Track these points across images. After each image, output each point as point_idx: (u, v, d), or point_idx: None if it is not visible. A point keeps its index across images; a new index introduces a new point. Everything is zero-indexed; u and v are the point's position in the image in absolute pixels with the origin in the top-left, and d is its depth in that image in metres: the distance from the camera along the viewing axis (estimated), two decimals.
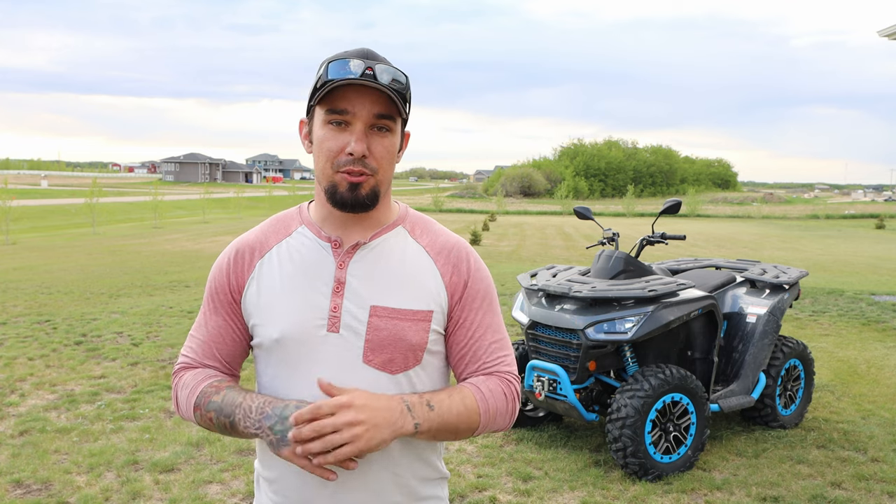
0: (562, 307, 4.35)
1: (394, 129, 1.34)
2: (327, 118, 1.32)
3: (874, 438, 4.81)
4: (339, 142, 1.31)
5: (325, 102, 1.31)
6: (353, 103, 1.30)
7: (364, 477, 1.35)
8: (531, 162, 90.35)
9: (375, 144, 1.32)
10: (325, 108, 1.32)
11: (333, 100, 1.30)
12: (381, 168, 1.34)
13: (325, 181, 1.34)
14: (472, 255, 1.45)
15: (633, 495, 3.91)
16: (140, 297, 10.09)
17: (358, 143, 1.30)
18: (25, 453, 4.33)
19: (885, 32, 13.01)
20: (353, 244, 1.38)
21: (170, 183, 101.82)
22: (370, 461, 1.34)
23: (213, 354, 1.44)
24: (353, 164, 1.31)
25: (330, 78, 1.29)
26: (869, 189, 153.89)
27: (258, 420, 1.29)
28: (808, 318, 9.13)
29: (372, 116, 1.31)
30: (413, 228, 1.45)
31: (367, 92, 1.30)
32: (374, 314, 1.35)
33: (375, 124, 1.32)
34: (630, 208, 45.09)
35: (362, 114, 1.30)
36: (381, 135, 1.33)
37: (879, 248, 21.22)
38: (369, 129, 1.32)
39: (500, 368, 1.43)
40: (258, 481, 1.46)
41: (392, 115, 1.32)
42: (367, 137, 1.31)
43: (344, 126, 1.31)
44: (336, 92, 1.30)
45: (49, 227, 25.16)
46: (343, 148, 1.31)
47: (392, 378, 1.35)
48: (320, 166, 1.35)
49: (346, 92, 1.30)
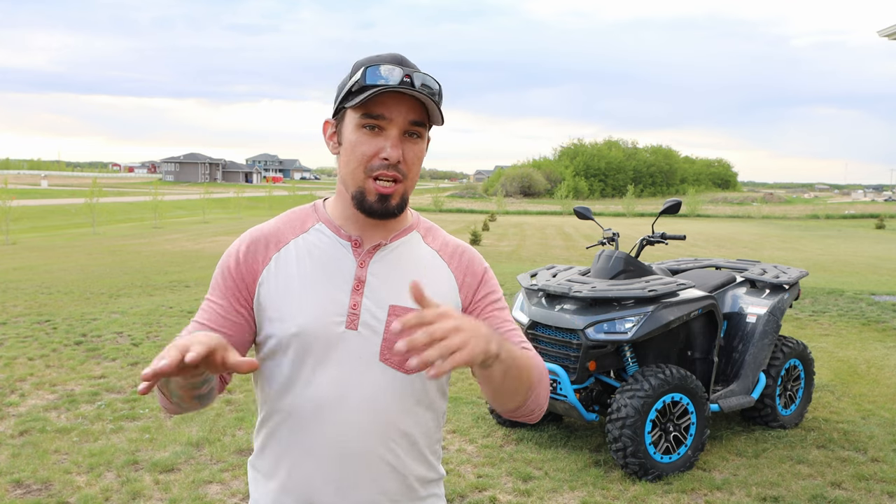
0: (562, 307, 4.35)
1: (424, 136, 1.37)
2: (362, 122, 1.33)
3: (874, 438, 4.81)
4: (373, 146, 1.33)
5: (361, 107, 1.32)
6: (390, 109, 1.31)
7: (372, 475, 1.36)
8: (531, 162, 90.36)
9: (408, 150, 1.34)
10: (359, 112, 1.33)
11: (370, 105, 1.32)
12: (411, 173, 1.36)
13: (354, 186, 1.36)
14: (479, 257, 1.51)
15: (633, 495, 3.91)
16: (140, 297, 10.09)
17: (394, 150, 1.32)
18: (25, 453, 4.33)
19: (885, 32, 13.01)
20: (373, 245, 1.40)
21: (170, 183, 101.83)
22: (372, 459, 1.35)
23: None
24: (388, 169, 1.33)
25: (368, 83, 1.30)
26: (869, 189, 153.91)
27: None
28: (808, 318, 9.13)
29: (407, 123, 1.33)
30: (426, 234, 1.49)
31: (404, 99, 1.32)
32: (393, 313, 1.36)
33: (409, 130, 1.34)
34: (630, 208, 45.09)
35: (399, 120, 1.32)
36: (413, 141, 1.35)
37: (879, 248, 21.23)
38: (402, 135, 1.34)
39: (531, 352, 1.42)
40: (255, 480, 1.45)
41: (425, 122, 1.35)
42: (401, 143, 1.33)
43: (378, 131, 1.33)
44: (373, 97, 1.31)
45: (49, 227, 25.15)
46: (377, 153, 1.32)
47: (405, 377, 1.37)
48: (351, 169, 1.35)
49: (384, 98, 1.31)
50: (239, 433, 4.73)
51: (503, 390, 1.30)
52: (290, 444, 1.38)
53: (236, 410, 5.18)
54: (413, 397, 1.38)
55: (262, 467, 1.43)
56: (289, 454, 1.38)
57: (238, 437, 4.66)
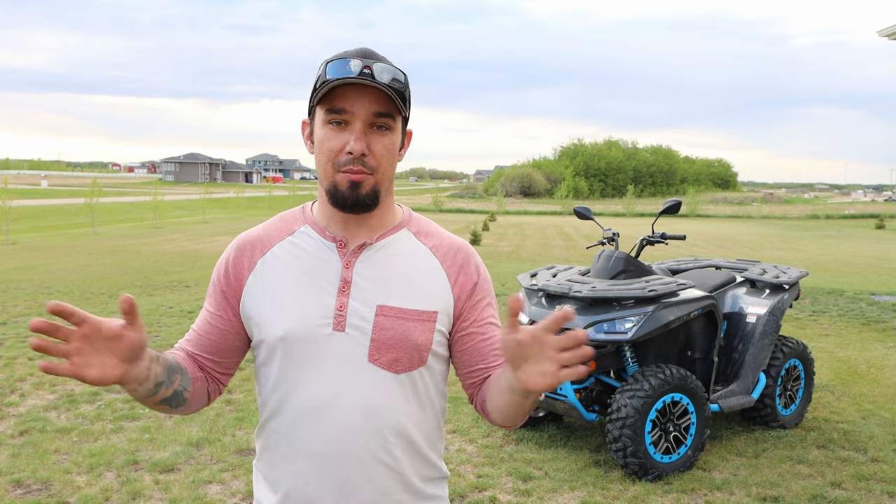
0: (562, 307, 4.35)
1: (394, 128, 1.35)
2: (327, 118, 1.33)
3: (874, 438, 4.81)
4: (338, 141, 1.32)
5: (325, 102, 1.32)
6: (351, 102, 1.31)
7: (369, 476, 1.35)
8: (531, 162, 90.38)
9: (375, 143, 1.33)
10: (324, 108, 1.33)
11: (333, 99, 1.31)
12: (380, 166, 1.34)
13: (327, 181, 1.35)
14: (476, 257, 1.48)
15: (633, 495, 3.91)
16: (140, 297, 10.09)
17: (357, 142, 1.30)
18: (25, 453, 4.33)
19: (885, 32, 13.01)
20: (359, 244, 1.39)
21: (170, 183, 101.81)
22: (373, 461, 1.35)
23: (207, 348, 1.43)
24: (353, 164, 1.31)
25: (329, 78, 1.30)
26: (869, 189, 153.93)
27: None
28: (808, 318, 9.13)
29: (371, 115, 1.31)
30: (418, 231, 1.46)
31: (366, 91, 1.31)
32: (381, 314, 1.35)
33: (375, 123, 1.32)
34: (630, 208, 45.08)
35: (361, 112, 1.31)
36: (381, 133, 1.33)
37: (879, 248, 21.22)
38: (369, 127, 1.32)
39: None
40: (258, 480, 1.46)
41: (391, 113, 1.33)
42: (367, 136, 1.32)
43: (344, 125, 1.32)
44: (335, 92, 1.31)
45: (49, 227, 25.15)
46: (343, 147, 1.32)
47: (396, 378, 1.36)
48: (322, 166, 1.35)
49: (345, 91, 1.31)
50: (239, 433, 4.73)
51: (520, 413, 1.33)
52: (287, 447, 1.38)
53: (236, 410, 5.18)
54: (404, 396, 1.37)
55: (264, 469, 1.44)
56: (287, 457, 1.38)
57: (238, 437, 4.66)
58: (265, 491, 1.43)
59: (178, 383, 1.33)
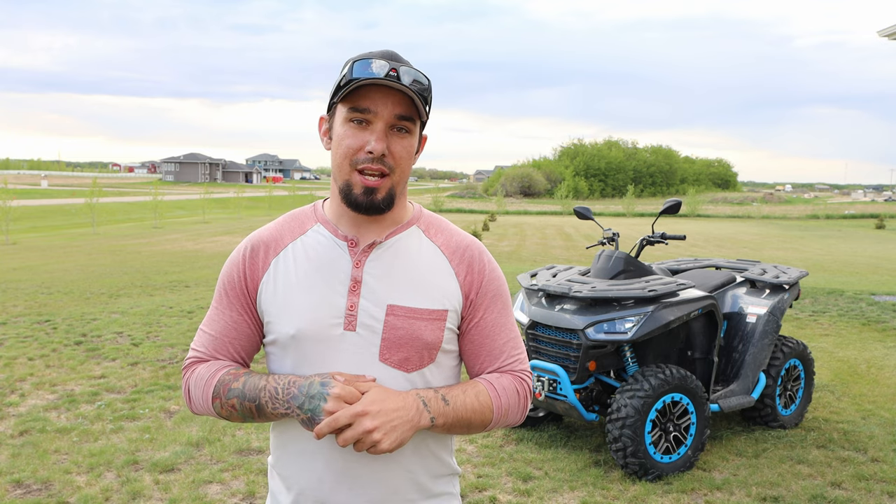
0: (562, 307, 4.35)
1: (413, 131, 1.36)
2: (349, 116, 1.34)
3: (874, 438, 4.81)
4: (358, 140, 1.33)
5: (348, 101, 1.33)
6: (375, 103, 1.32)
7: (379, 474, 1.37)
8: (531, 162, 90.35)
9: (395, 144, 1.34)
10: (347, 106, 1.33)
11: (356, 98, 1.32)
12: (398, 168, 1.35)
13: (342, 179, 1.36)
14: (485, 255, 1.48)
15: (633, 495, 3.91)
16: (140, 297, 10.09)
17: (378, 143, 1.31)
18: (25, 453, 4.33)
19: (886, 32, 13.01)
20: (369, 243, 1.40)
21: (170, 183, 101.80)
22: (384, 459, 1.36)
23: (226, 349, 1.44)
24: (372, 163, 1.32)
25: (354, 77, 1.30)
26: (869, 189, 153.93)
27: (286, 401, 1.31)
28: (808, 318, 9.13)
29: (393, 117, 1.32)
30: (428, 228, 1.46)
31: (390, 93, 1.32)
32: (391, 313, 1.36)
33: (396, 125, 1.33)
34: (630, 208, 45.09)
35: (384, 113, 1.32)
36: (401, 135, 1.35)
37: (879, 248, 21.23)
38: (389, 129, 1.33)
39: (514, 367, 1.46)
40: (273, 477, 1.48)
41: (412, 116, 1.34)
42: (387, 137, 1.33)
43: (365, 125, 1.33)
44: (359, 91, 1.32)
45: (49, 227, 25.16)
46: (362, 146, 1.33)
47: (407, 376, 1.37)
48: (337, 162, 1.36)
49: (370, 91, 1.32)
50: (239, 433, 4.73)
51: (453, 433, 1.41)
52: (299, 444, 1.39)
53: None
54: None
55: (278, 467, 1.45)
56: (301, 456, 1.40)
57: (238, 437, 4.66)
58: (280, 487, 1.45)
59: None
